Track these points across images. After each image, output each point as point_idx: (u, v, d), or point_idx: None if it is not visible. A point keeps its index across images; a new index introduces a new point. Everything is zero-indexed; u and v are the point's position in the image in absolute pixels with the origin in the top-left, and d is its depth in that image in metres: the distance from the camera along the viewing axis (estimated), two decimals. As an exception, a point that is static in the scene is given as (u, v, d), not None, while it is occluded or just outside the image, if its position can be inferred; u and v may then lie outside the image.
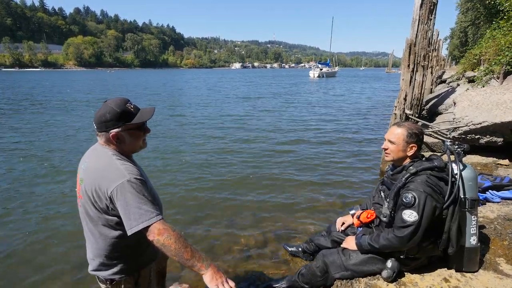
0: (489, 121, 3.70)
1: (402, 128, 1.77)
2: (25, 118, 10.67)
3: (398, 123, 1.84)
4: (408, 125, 1.78)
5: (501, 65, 5.50)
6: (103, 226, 1.31)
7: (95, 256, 1.38)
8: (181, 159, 5.96)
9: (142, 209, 1.19)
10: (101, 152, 1.33)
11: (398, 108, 5.13)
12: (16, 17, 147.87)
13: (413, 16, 5.10)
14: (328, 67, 58.01)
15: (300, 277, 2.04)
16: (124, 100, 1.32)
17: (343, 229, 2.25)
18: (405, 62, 5.17)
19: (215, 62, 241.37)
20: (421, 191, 1.60)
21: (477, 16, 16.54)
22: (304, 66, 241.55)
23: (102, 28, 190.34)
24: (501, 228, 2.28)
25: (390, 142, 1.79)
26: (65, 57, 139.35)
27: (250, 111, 12.68)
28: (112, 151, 1.32)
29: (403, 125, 1.79)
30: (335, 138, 7.73)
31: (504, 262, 1.89)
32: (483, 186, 2.85)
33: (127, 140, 1.33)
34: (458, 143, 1.79)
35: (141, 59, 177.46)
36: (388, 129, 1.87)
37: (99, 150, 1.34)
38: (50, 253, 2.97)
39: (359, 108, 13.81)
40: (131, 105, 1.33)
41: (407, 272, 1.82)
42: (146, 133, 1.41)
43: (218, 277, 1.21)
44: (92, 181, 1.27)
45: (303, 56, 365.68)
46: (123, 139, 1.32)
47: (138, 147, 1.41)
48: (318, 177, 4.91)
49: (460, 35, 27.01)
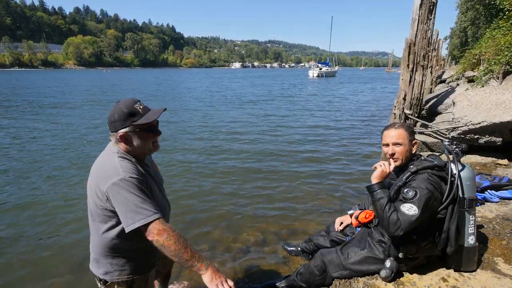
0: (488, 121, 3.70)
1: (400, 128, 1.77)
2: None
3: (392, 125, 1.81)
4: (402, 124, 1.80)
5: (501, 65, 5.49)
6: (99, 222, 1.33)
7: (91, 250, 1.42)
8: (180, 159, 5.96)
9: (138, 207, 1.19)
10: (108, 150, 1.35)
11: (397, 107, 5.14)
12: (15, 16, 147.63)
13: (412, 15, 5.10)
14: (328, 67, 57.97)
15: (298, 276, 2.05)
16: (133, 101, 1.31)
17: (342, 229, 2.26)
18: (405, 62, 5.18)
19: (215, 61, 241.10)
20: (423, 187, 1.59)
21: (476, 16, 16.55)
22: (304, 65, 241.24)
23: (102, 28, 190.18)
24: (499, 228, 2.29)
25: (396, 145, 1.75)
26: (65, 57, 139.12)
27: (249, 112, 12.67)
28: (117, 149, 1.32)
29: (399, 126, 1.79)
30: (335, 138, 7.73)
31: (502, 262, 1.89)
32: (482, 185, 2.85)
33: (135, 141, 1.31)
34: (457, 143, 1.79)
35: (141, 59, 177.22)
36: (384, 135, 1.82)
37: (108, 148, 1.37)
38: (50, 252, 2.97)
39: (359, 108, 13.81)
40: (140, 106, 1.31)
41: (405, 272, 1.82)
42: (156, 135, 1.37)
43: (218, 277, 1.22)
44: (94, 178, 1.30)
45: (303, 56, 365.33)
46: (131, 140, 1.31)
47: (147, 150, 1.37)
48: (317, 177, 4.92)
49: (460, 35, 26.97)
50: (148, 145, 1.35)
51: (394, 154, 1.76)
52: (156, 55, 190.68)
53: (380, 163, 1.80)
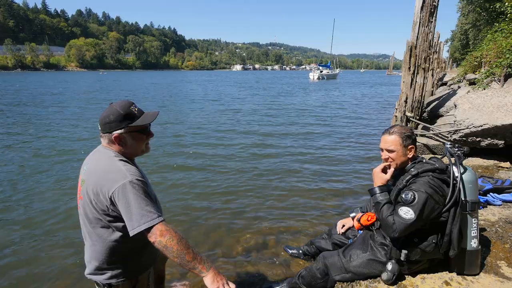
0: (490, 124, 3.70)
1: (394, 134, 1.78)
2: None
3: (388, 130, 1.83)
4: (398, 130, 1.79)
5: (502, 68, 5.49)
6: (101, 228, 1.31)
7: (92, 258, 1.37)
8: (181, 161, 5.97)
9: (144, 210, 1.19)
10: (103, 153, 1.34)
11: (399, 110, 5.14)
12: (18, 19, 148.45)
13: (413, 18, 5.12)
14: (329, 69, 57.99)
15: (300, 279, 2.04)
16: (129, 103, 1.34)
17: (344, 232, 2.26)
18: (406, 65, 5.18)
19: (216, 64, 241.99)
20: (423, 191, 1.60)
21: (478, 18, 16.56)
22: (305, 68, 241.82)
23: (104, 30, 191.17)
24: (502, 231, 2.28)
25: (389, 151, 1.79)
26: (67, 59, 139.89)
27: (248, 117, 12.69)
28: (114, 152, 1.33)
29: (394, 131, 1.79)
30: (335, 141, 7.72)
31: (505, 265, 1.88)
32: (484, 188, 2.84)
33: (129, 142, 1.34)
34: (458, 146, 1.79)
35: (142, 61, 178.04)
36: (381, 139, 1.85)
37: (102, 151, 1.35)
38: (50, 253, 2.97)
39: (359, 110, 13.80)
40: (135, 108, 1.34)
41: (407, 275, 1.82)
42: (149, 137, 1.41)
43: (219, 279, 1.21)
44: (94, 182, 1.27)
45: (304, 58, 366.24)
46: (125, 141, 1.33)
47: (140, 151, 1.41)
48: (319, 180, 4.90)
49: (461, 38, 27.01)
50: (142, 146, 1.39)
51: (387, 159, 1.81)
52: (157, 57, 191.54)
53: (377, 169, 1.84)
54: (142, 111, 1.38)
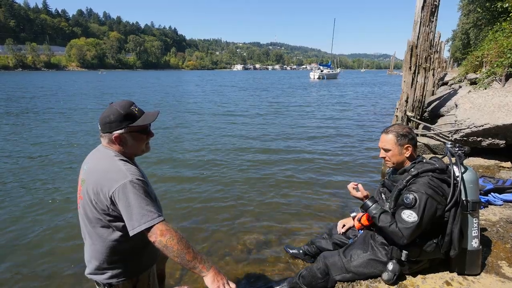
0: (491, 124, 3.68)
1: (390, 133, 1.80)
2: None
3: (386, 129, 1.86)
4: (395, 129, 1.82)
5: (503, 67, 5.48)
6: (101, 228, 1.31)
7: (92, 258, 1.37)
8: (182, 160, 5.97)
9: (144, 209, 1.19)
10: (103, 153, 1.34)
11: (399, 110, 5.13)
12: (19, 18, 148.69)
13: (414, 18, 5.10)
14: (329, 69, 57.98)
15: (300, 279, 2.04)
16: (129, 103, 1.34)
17: (344, 231, 2.25)
18: (407, 64, 5.16)
19: (216, 63, 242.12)
20: (423, 192, 1.59)
21: (479, 18, 16.51)
22: (306, 67, 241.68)
23: (105, 30, 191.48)
24: (503, 231, 2.27)
25: (384, 150, 1.84)
26: (68, 59, 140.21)
27: (248, 117, 12.69)
28: (114, 152, 1.33)
29: (390, 130, 1.82)
30: (337, 141, 7.72)
31: (506, 265, 1.88)
32: (485, 188, 2.84)
33: (129, 142, 1.34)
34: (459, 146, 1.79)
35: (143, 61, 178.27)
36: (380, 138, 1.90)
37: (102, 151, 1.35)
38: (50, 253, 2.98)
39: (360, 110, 13.79)
40: (136, 108, 1.34)
41: (408, 275, 1.81)
42: (149, 137, 1.41)
43: (219, 279, 1.21)
44: (94, 182, 1.27)
45: (304, 58, 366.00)
46: (125, 141, 1.33)
47: (140, 151, 1.41)
48: (319, 180, 4.90)
49: (462, 37, 26.91)
50: (142, 146, 1.39)
51: (384, 157, 1.86)
52: (158, 57, 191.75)
53: (350, 186, 1.94)
54: (142, 111, 1.38)
